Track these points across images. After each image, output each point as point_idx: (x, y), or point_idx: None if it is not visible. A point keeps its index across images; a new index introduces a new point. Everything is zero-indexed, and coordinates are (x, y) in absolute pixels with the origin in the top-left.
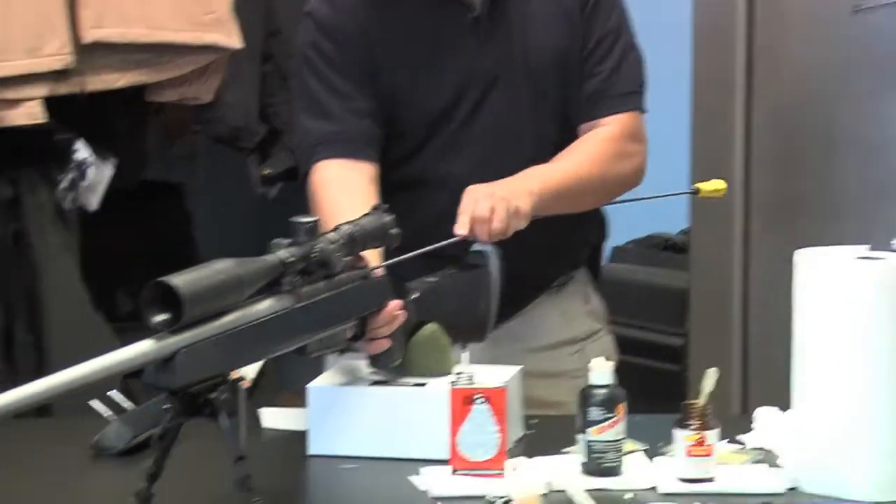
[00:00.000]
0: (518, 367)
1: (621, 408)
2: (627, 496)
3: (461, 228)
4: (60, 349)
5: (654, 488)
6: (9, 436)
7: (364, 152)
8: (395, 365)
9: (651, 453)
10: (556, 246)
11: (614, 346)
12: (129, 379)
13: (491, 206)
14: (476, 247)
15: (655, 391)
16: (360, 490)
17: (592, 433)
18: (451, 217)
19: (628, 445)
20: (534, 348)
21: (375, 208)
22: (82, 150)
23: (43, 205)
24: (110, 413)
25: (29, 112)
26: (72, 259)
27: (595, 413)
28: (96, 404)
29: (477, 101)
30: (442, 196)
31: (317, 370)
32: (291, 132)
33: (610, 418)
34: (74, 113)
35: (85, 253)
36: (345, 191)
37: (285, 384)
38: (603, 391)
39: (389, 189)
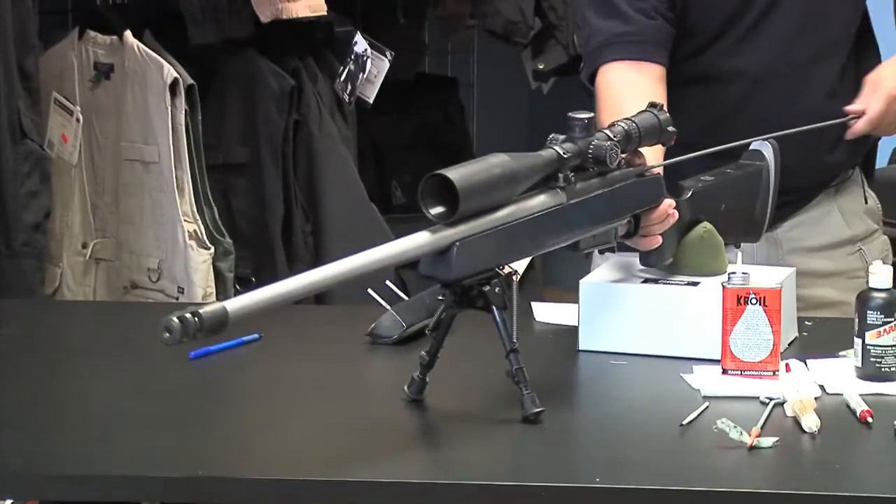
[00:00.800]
0: (792, 268)
1: None
2: None
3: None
4: (337, 239)
5: None
6: (292, 319)
7: (655, 54)
8: (667, 263)
9: None
10: (837, 140)
11: (889, 249)
12: (403, 270)
13: None
14: (754, 145)
15: None
16: (631, 386)
17: (870, 337)
18: (740, 114)
19: None
20: (812, 248)
21: (652, 105)
22: (361, 43)
23: (322, 95)
24: (386, 302)
25: (310, 4)
26: (349, 150)
27: (873, 317)
28: (373, 293)
29: None
30: (731, 92)
31: (584, 267)
32: (566, 28)
33: (889, 322)
34: (354, 6)
35: (362, 144)
36: (632, 93)
37: (552, 280)
38: (883, 295)
39: (675, 84)
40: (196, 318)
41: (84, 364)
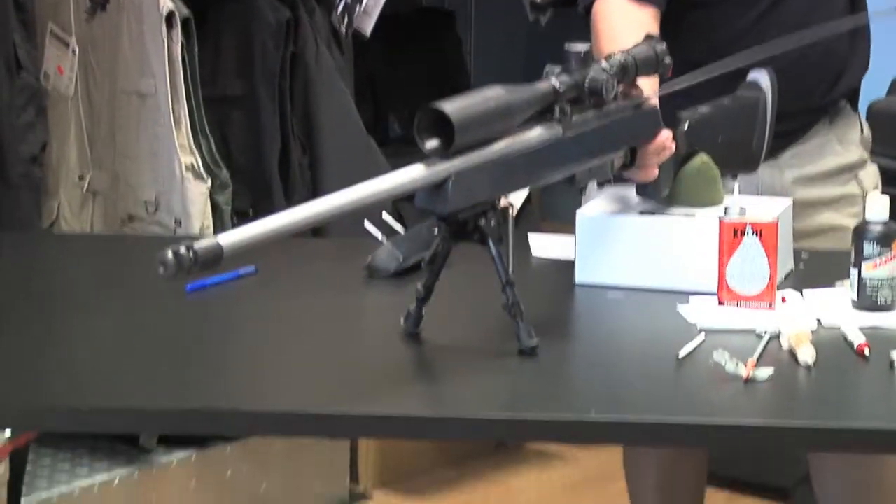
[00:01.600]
0: (788, 200)
1: None
2: None
3: None
4: (334, 171)
5: None
6: (288, 253)
7: (656, 1)
8: (664, 195)
9: None
10: (836, 68)
11: (879, 178)
12: (401, 202)
13: None
14: (751, 76)
15: None
16: (628, 319)
17: (866, 269)
18: (750, 36)
19: None
20: (813, 175)
21: (649, 37)
22: None
23: (319, 28)
24: (382, 235)
25: None
26: (346, 82)
27: (870, 248)
28: (370, 227)
29: None
30: (744, 14)
31: (581, 200)
32: None
33: (885, 254)
34: None
35: (359, 77)
36: (629, 24)
37: (549, 212)
38: (879, 227)
39: (686, 5)
40: (191, 253)
41: (81, 297)
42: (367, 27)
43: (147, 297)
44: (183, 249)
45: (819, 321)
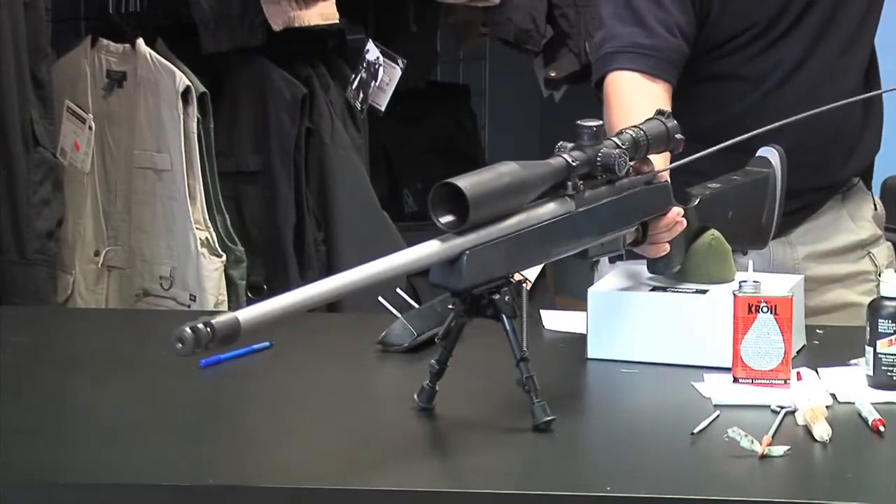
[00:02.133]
0: (800, 276)
1: None
2: None
3: None
4: (349, 247)
5: None
6: (302, 327)
7: (668, 73)
8: (675, 271)
9: None
10: (847, 145)
11: (893, 254)
12: (415, 277)
13: None
14: (760, 153)
15: None
16: (641, 394)
17: (882, 346)
18: (758, 112)
19: None
20: (825, 252)
21: (660, 112)
22: (373, 51)
23: (335, 103)
24: (396, 310)
25: (322, 13)
26: (361, 158)
27: (885, 325)
28: (384, 302)
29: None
30: (753, 93)
31: (593, 276)
32: (578, 36)
33: None
34: (366, 14)
35: (374, 151)
36: (640, 99)
37: (563, 288)
38: (894, 303)
39: (694, 80)
40: (209, 329)
41: (95, 372)
42: (383, 102)
43: (161, 372)
44: (201, 325)
45: (834, 397)
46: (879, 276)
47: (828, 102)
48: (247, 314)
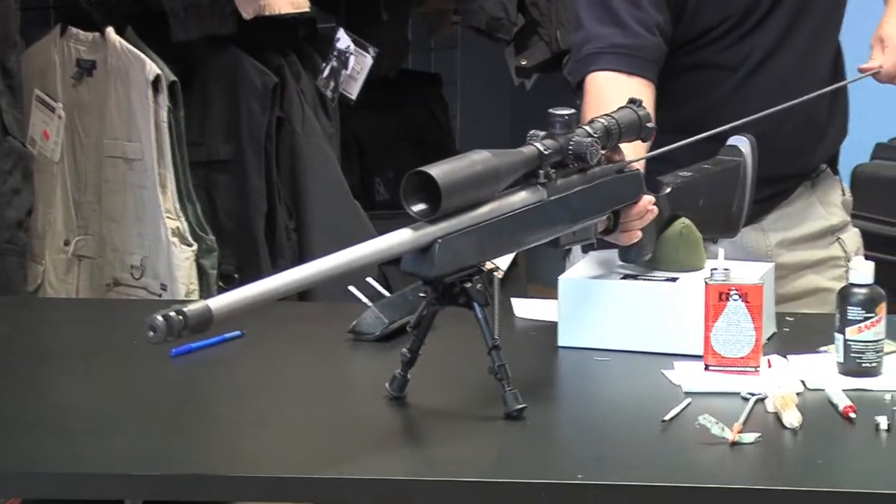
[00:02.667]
0: (771, 263)
1: (882, 308)
2: (887, 397)
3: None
4: (320, 236)
5: None
6: (274, 316)
7: (649, 71)
8: (646, 259)
9: None
10: (816, 134)
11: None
12: (386, 266)
13: None
14: (731, 141)
15: None
16: (613, 382)
17: (851, 333)
18: (733, 100)
19: (888, 346)
20: (797, 238)
21: (632, 101)
22: (344, 39)
23: (306, 92)
24: (368, 299)
25: (293, 1)
26: (332, 147)
27: (854, 312)
28: (355, 291)
29: None
30: (727, 81)
31: (564, 264)
32: (549, 25)
33: (870, 318)
34: (338, 2)
35: (345, 140)
36: (618, 96)
37: (535, 275)
38: (863, 290)
39: (671, 72)
40: (181, 317)
41: (66, 362)
42: (354, 91)
43: (132, 361)
44: (173, 314)
45: (804, 384)
46: (849, 262)
47: (800, 88)
48: (218, 302)
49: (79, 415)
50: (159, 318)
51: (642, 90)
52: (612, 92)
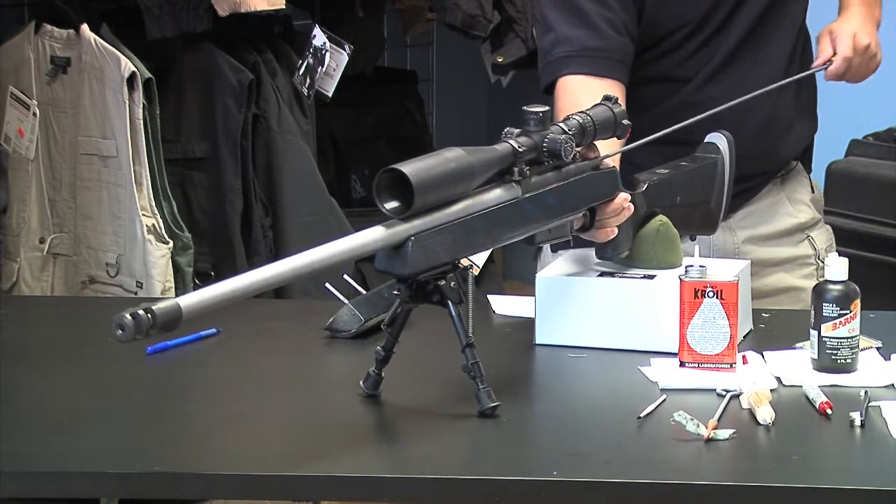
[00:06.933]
0: (746, 261)
1: (856, 304)
2: (861, 393)
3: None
4: (296, 233)
5: (891, 385)
6: (249, 314)
7: (621, 73)
8: (623, 256)
9: (886, 350)
10: (786, 130)
11: (832, 238)
12: (363, 263)
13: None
14: (708, 138)
15: (884, 287)
16: (589, 379)
17: (826, 329)
18: (690, 107)
19: (862, 342)
20: (765, 235)
21: (607, 98)
22: (320, 37)
23: (281, 89)
24: (344, 296)
25: None
26: (308, 143)
27: (829, 309)
28: (331, 288)
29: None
30: (682, 90)
31: (543, 261)
32: (525, 22)
33: (845, 315)
34: None
35: (321, 137)
36: (590, 99)
37: (512, 273)
38: (838, 287)
39: (636, 83)
40: (149, 315)
41: (41, 360)
42: (330, 88)
43: (107, 359)
44: (141, 311)
45: (780, 380)
46: (820, 259)
47: (760, 84)
48: (189, 300)
49: (53, 412)
50: (127, 316)
51: (614, 92)
52: (586, 95)
